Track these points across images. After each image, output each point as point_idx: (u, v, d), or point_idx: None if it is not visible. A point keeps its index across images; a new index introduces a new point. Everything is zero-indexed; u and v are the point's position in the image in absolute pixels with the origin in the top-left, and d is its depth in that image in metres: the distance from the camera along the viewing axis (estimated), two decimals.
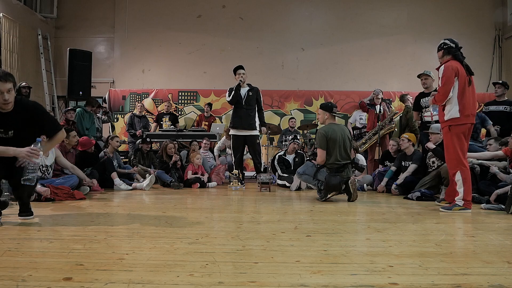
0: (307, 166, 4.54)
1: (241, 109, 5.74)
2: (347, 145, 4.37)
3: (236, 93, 5.68)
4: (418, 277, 1.54)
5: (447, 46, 3.69)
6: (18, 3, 8.06)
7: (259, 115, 5.88)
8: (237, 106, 5.77)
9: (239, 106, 5.74)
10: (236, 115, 5.81)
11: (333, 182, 4.18)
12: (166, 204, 3.92)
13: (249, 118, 5.75)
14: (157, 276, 1.51)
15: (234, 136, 5.86)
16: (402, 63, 9.11)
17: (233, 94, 5.67)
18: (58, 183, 4.18)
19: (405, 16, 9.22)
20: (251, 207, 3.80)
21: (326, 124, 4.49)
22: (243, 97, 5.72)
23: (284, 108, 8.99)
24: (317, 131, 4.47)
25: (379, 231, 2.51)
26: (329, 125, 4.43)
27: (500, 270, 1.64)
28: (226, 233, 2.38)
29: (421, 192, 4.53)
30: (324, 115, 4.48)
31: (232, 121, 5.86)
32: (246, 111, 5.74)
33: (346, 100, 8.96)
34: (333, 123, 4.48)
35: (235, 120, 5.80)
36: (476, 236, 2.41)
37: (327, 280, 1.48)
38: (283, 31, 9.27)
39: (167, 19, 9.30)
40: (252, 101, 5.77)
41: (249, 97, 5.74)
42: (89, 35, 9.38)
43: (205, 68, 9.24)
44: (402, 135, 5.54)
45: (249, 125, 5.75)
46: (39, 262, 1.69)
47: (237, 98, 5.68)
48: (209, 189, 5.86)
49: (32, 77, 8.25)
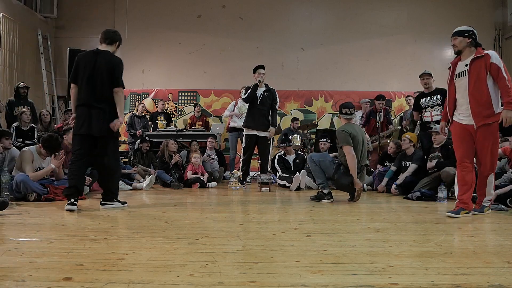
0: (326, 162, 4.25)
1: (255, 109, 5.75)
2: (365, 147, 4.32)
3: (252, 93, 5.67)
4: (418, 277, 1.54)
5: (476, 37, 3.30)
6: (18, 3, 8.06)
7: (272, 115, 5.87)
8: (251, 106, 5.78)
9: (253, 106, 5.75)
10: (249, 115, 5.82)
11: (344, 182, 4.09)
12: (166, 204, 3.91)
13: (263, 118, 5.76)
14: (157, 276, 1.51)
15: (246, 136, 5.88)
16: (402, 63, 9.10)
17: (249, 93, 5.67)
18: (58, 183, 4.18)
19: (405, 16, 9.22)
20: (251, 207, 3.80)
21: (343, 124, 4.34)
22: (258, 97, 5.72)
23: (284, 108, 8.99)
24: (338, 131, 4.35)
25: (379, 231, 2.51)
26: (349, 125, 4.30)
27: (500, 270, 1.64)
28: (226, 233, 2.38)
29: (421, 192, 4.53)
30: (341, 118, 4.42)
31: (245, 121, 5.88)
32: (260, 111, 5.75)
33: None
34: (351, 123, 4.36)
35: (248, 120, 5.82)
36: (476, 236, 2.41)
37: (327, 280, 1.48)
38: (283, 31, 9.27)
39: (167, 19, 9.30)
40: (267, 102, 5.78)
41: (264, 97, 5.75)
42: (89, 35, 9.36)
43: (205, 68, 9.24)
44: (404, 135, 5.53)
45: (262, 126, 5.75)
46: (39, 262, 1.69)
47: (252, 98, 5.68)
48: (209, 189, 5.86)
49: (32, 77, 8.25)
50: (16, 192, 3.87)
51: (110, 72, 3.49)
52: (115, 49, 3.70)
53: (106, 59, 3.54)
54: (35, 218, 2.91)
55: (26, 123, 5.74)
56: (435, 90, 5.40)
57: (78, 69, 3.56)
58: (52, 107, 8.76)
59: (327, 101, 9.03)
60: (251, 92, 5.66)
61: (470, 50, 3.29)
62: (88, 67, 3.51)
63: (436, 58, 8.99)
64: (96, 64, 3.50)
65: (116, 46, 3.72)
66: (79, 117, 3.49)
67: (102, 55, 3.56)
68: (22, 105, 6.17)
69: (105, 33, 3.67)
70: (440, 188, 4.36)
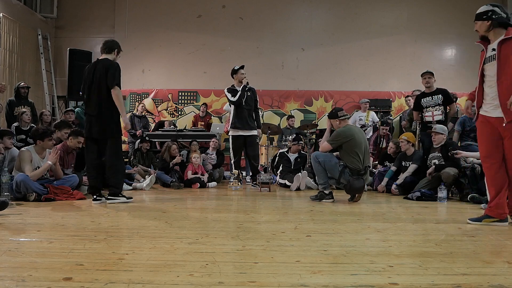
0: (331, 163, 4.21)
1: (242, 110, 5.72)
2: (367, 148, 4.31)
3: (243, 94, 5.65)
4: (418, 277, 1.54)
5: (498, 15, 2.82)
6: (18, 3, 8.06)
7: (256, 116, 5.87)
8: (238, 107, 5.75)
9: (240, 107, 5.72)
10: (237, 116, 5.74)
11: (357, 186, 4.10)
12: (166, 204, 3.91)
13: (249, 118, 5.75)
14: (157, 276, 1.51)
15: (234, 137, 5.81)
16: (402, 63, 9.10)
17: (240, 94, 5.62)
18: (58, 183, 4.18)
19: (405, 16, 9.21)
20: (251, 207, 3.80)
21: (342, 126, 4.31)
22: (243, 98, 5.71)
23: (284, 108, 8.99)
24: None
25: (379, 231, 2.51)
26: (347, 126, 4.29)
27: (500, 270, 1.64)
28: (226, 233, 2.38)
29: (421, 192, 4.53)
30: (335, 123, 4.35)
31: (233, 122, 5.78)
32: (247, 112, 5.73)
33: (346, 100, 8.96)
34: (349, 125, 4.39)
35: (236, 121, 5.74)
36: (476, 236, 2.41)
37: (327, 280, 1.48)
38: (283, 31, 9.27)
39: (167, 19, 9.30)
40: (252, 101, 5.77)
41: (248, 97, 5.73)
42: (89, 35, 9.37)
43: (205, 68, 9.24)
44: (401, 136, 5.53)
45: (249, 126, 5.74)
46: (39, 262, 1.69)
47: (241, 99, 5.66)
48: (209, 189, 5.86)
49: (32, 77, 8.25)
50: (16, 192, 3.87)
51: (106, 75, 3.77)
52: (115, 57, 4.01)
53: (104, 65, 3.84)
54: (35, 218, 2.91)
55: (26, 123, 5.74)
56: (436, 90, 5.40)
57: (84, 79, 3.95)
58: (52, 107, 8.76)
59: (327, 101, 9.03)
60: (241, 93, 5.63)
61: (495, 31, 2.81)
62: (89, 77, 3.88)
63: (436, 58, 8.99)
64: (95, 71, 3.85)
65: (115, 53, 4.02)
66: (86, 123, 3.93)
67: (101, 63, 3.89)
68: (23, 105, 6.17)
69: (104, 43, 4.03)
70: (440, 188, 4.36)
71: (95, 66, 3.89)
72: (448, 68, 8.84)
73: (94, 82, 3.83)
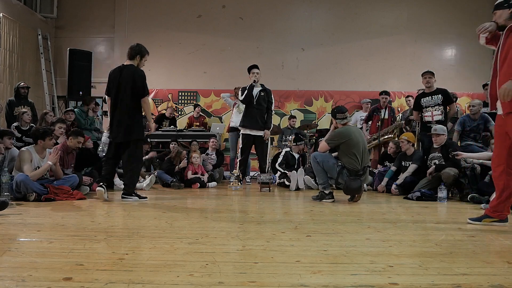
0: (329, 163, 4.22)
1: (252, 109, 5.73)
2: (366, 148, 4.31)
3: (249, 93, 5.68)
4: (418, 277, 1.54)
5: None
6: (18, 3, 8.05)
7: (267, 117, 5.86)
8: (248, 106, 5.77)
9: (250, 106, 5.74)
10: (246, 115, 5.80)
11: (354, 186, 4.09)
12: (166, 204, 3.91)
13: (259, 118, 5.75)
14: (157, 276, 1.51)
15: (243, 136, 5.86)
16: (402, 63, 9.10)
17: (246, 94, 5.67)
18: (58, 183, 4.18)
19: (405, 16, 9.21)
20: (251, 207, 3.80)
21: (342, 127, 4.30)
22: (254, 97, 5.72)
23: (284, 108, 8.99)
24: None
25: (379, 231, 2.51)
26: (345, 127, 4.28)
27: (500, 270, 1.64)
28: (226, 233, 2.38)
29: (421, 192, 4.53)
30: (334, 122, 4.36)
31: (242, 121, 5.86)
32: (256, 111, 5.74)
33: (346, 100, 8.96)
34: (348, 125, 4.36)
35: (245, 120, 5.80)
36: (476, 236, 2.41)
37: (327, 280, 1.48)
38: (283, 31, 9.26)
39: (167, 19, 9.29)
40: (263, 101, 5.77)
41: (260, 97, 5.74)
42: (89, 35, 9.37)
43: (205, 68, 9.23)
44: (401, 136, 5.53)
45: (258, 125, 5.75)
46: (39, 262, 1.69)
47: (250, 98, 5.68)
48: (209, 189, 5.86)
49: (32, 77, 8.24)
50: (16, 192, 3.86)
51: (133, 84, 3.95)
52: (138, 62, 4.11)
53: (129, 72, 3.99)
54: (35, 218, 2.91)
55: (26, 123, 5.74)
56: (436, 90, 5.40)
57: (110, 83, 4.12)
58: (52, 107, 8.75)
59: (327, 101, 9.03)
60: (248, 92, 5.67)
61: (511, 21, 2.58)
62: (115, 82, 4.04)
63: (436, 58, 8.99)
64: (121, 78, 4.01)
65: (139, 59, 4.11)
66: (109, 126, 4.15)
67: (126, 69, 4.04)
68: (23, 105, 6.17)
69: (129, 49, 4.15)
70: (440, 188, 4.36)
71: (120, 72, 4.02)
72: (448, 68, 8.84)
73: (120, 89, 4.00)
